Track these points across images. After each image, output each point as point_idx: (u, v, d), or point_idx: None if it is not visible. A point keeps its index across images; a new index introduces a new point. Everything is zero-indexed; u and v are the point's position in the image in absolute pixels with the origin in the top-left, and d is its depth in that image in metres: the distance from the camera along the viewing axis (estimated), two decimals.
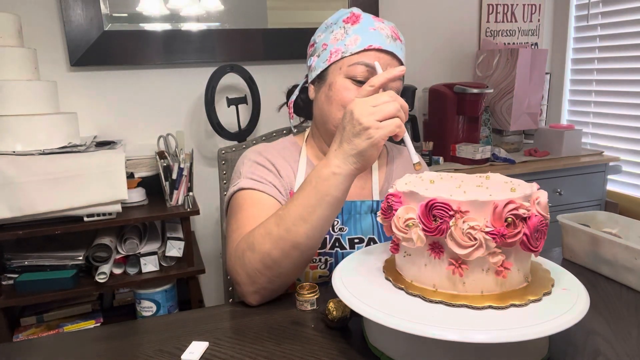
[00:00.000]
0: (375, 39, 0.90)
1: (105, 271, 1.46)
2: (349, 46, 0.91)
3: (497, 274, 0.59)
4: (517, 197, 0.58)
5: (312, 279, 0.93)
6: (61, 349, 0.71)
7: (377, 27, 0.92)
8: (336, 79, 0.92)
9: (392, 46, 0.91)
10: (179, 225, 1.63)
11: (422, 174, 0.72)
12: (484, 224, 0.56)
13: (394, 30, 0.94)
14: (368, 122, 0.70)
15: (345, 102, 0.90)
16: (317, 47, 0.98)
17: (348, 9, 0.96)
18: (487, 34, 2.34)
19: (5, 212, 1.33)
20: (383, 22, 0.94)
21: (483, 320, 0.55)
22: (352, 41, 0.91)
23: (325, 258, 0.93)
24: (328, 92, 0.93)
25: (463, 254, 0.57)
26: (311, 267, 0.92)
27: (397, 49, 0.92)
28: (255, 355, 0.66)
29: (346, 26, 0.93)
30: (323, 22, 0.99)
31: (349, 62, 0.90)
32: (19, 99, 1.42)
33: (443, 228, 0.57)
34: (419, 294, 0.60)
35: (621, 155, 2.19)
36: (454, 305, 0.57)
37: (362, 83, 0.90)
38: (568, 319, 0.54)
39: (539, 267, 0.68)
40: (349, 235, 0.95)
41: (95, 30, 1.72)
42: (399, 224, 0.61)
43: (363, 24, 0.92)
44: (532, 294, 0.59)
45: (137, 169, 1.60)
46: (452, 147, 2.06)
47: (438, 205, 0.57)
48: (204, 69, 1.88)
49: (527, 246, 0.58)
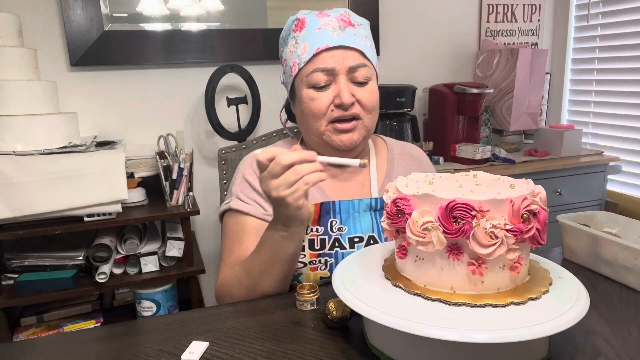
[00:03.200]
0: (321, 39, 0.89)
1: (106, 271, 1.46)
2: (302, 56, 0.91)
3: (511, 270, 0.59)
4: (526, 193, 0.58)
5: (313, 281, 0.93)
6: (61, 349, 0.71)
7: (322, 25, 0.90)
8: (302, 92, 0.93)
9: (342, 38, 0.90)
10: (179, 225, 1.63)
11: (412, 175, 0.71)
12: (503, 221, 0.57)
13: (342, 18, 0.92)
14: (279, 195, 0.74)
15: (315, 112, 0.91)
16: (282, 63, 0.99)
17: (295, 16, 0.95)
18: (487, 34, 2.35)
19: (5, 212, 1.33)
20: (329, 14, 0.92)
21: (483, 319, 0.55)
22: (303, 49, 0.91)
23: (325, 259, 0.92)
24: (300, 106, 0.95)
25: (485, 253, 0.56)
26: (311, 269, 0.92)
27: (349, 36, 0.90)
28: (255, 355, 0.66)
29: (296, 35, 0.93)
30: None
31: (306, 72, 0.91)
32: (19, 99, 1.42)
33: (466, 229, 0.56)
34: (439, 298, 0.59)
35: (621, 155, 2.19)
36: (477, 306, 0.57)
37: (326, 87, 0.90)
38: (568, 319, 0.54)
39: (535, 264, 0.70)
40: (348, 235, 0.94)
41: (95, 30, 1.72)
42: (416, 229, 0.59)
43: (308, 27, 0.91)
44: (540, 286, 0.61)
45: (137, 169, 1.60)
46: (452, 147, 2.06)
47: (459, 206, 0.56)
48: (204, 69, 1.88)
49: (537, 240, 0.59)
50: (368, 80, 0.92)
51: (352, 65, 0.90)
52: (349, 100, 0.89)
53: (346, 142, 0.92)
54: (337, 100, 0.90)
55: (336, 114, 0.91)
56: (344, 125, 0.91)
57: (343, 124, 0.91)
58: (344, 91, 0.89)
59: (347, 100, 0.89)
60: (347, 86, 0.90)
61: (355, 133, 0.93)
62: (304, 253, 0.91)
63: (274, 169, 0.73)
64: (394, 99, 1.96)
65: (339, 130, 0.92)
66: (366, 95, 0.92)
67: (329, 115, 0.91)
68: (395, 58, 2.20)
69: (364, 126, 0.94)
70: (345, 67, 0.89)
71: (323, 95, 0.90)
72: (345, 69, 0.90)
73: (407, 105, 2.00)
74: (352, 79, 0.91)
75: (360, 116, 0.92)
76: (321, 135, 0.94)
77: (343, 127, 0.91)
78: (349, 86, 0.90)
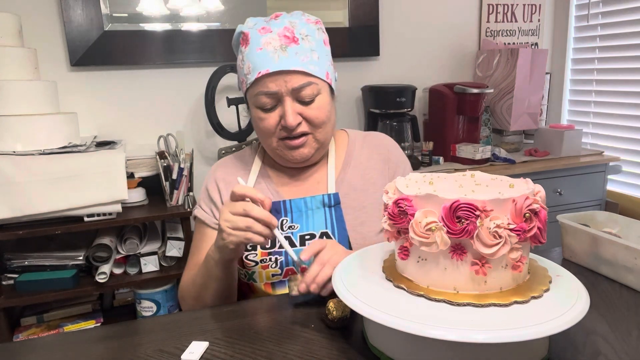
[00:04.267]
0: (262, 62, 0.87)
1: (106, 271, 1.46)
2: (247, 75, 0.90)
3: (514, 269, 0.60)
4: (527, 192, 0.58)
5: (265, 279, 0.93)
6: (61, 349, 0.71)
7: (263, 45, 0.87)
8: (252, 109, 0.94)
9: (282, 60, 0.86)
10: (179, 225, 1.63)
11: (410, 175, 0.71)
12: (507, 221, 0.57)
13: (285, 34, 0.88)
14: (223, 226, 0.78)
15: (264, 131, 0.92)
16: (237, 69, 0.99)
17: (240, 28, 0.92)
18: (487, 34, 2.34)
19: (5, 212, 1.33)
20: (272, 30, 0.88)
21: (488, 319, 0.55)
22: (247, 69, 0.89)
23: (275, 257, 0.92)
24: (253, 121, 0.96)
25: (489, 253, 0.56)
26: (263, 267, 0.92)
27: (291, 57, 0.86)
28: (255, 355, 0.66)
29: (242, 50, 0.91)
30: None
31: (252, 94, 0.90)
32: (19, 99, 1.42)
33: (470, 229, 0.56)
34: (443, 298, 0.59)
35: (621, 155, 2.19)
36: (482, 306, 0.57)
37: (273, 109, 0.90)
38: (568, 319, 0.54)
39: (533, 262, 0.70)
40: (300, 232, 0.94)
41: (95, 30, 1.72)
42: (419, 229, 0.59)
43: (251, 45, 0.88)
44: (541, 284, 0.61)
45: (137, 169, 1.60)
46: (452, 147, 2.06)
47: (463, 206, 0.56)
48: (204, 69, 1.88)
49: (538, 239, 0.59)
50: (314, 97, 0.90)
51: (295, 87, 0.88)
52: (293, 123, 0.88)
53: (297, 157, 0.93)
54: (283, 122, 0.90)
55: (284, 133, 0.91)
56: (293, 142, 0.92)
57: (292, 141, 0.92)
58: (288, 114, 0.88)
59: (292, 124, 0.88)
60: (292, 107, 0.88)
61: (305, 148, 0.93)
62: (255, 252, 0.92)
63: (236, 207, 0.77)
64: (394, 99, 1.96)
65: (289, 147, 0.92)
66: (314, 113, 0.90)
67: (278, 134, 0.92)
68: (395, 58, 2.20)
69: (314, 140, 0.93)
70: (288, 90, 0.88)
71: (270, 116, 0.90)
72: (289, 91, 0.88)
73: (407, 105, 2.00)
74: (297, 99, 0.89)
75: (310, 132, 0.92)
76: (274, 150, 0.95)
77: (293, 143, 0.92)
78: (294, 107, 0.89)
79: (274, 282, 0.93)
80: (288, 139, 0.92)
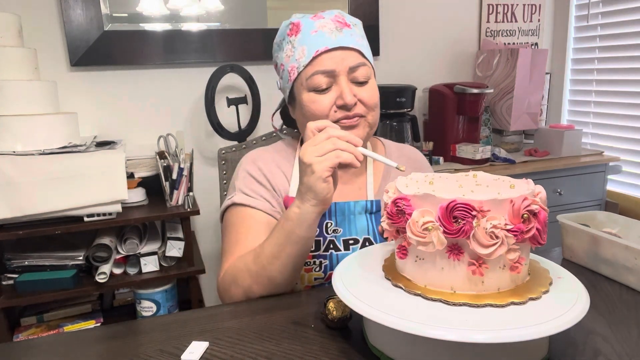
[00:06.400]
0: (319, 41, 0.89)
1: (106, 271, 1.46)
2: (300, 60, 0.91)
3: (512, 270, 0.59)
4: (526, 193, 0.58)
5: (307, 282, 0.93)
6: (61, 349, 0.71)
7: (319, 28, 0.90)
8: (302, 96, 0.92)
9: (340, 38, 0.90)
10: (179, 225, 1.63)
11: (412, 175, 0.71)
12: (504, 222, 0.57)
13: (338, 19, 0.92)
14: (309, 160, 0.75)
15: (317, 114, 0.90)
16: (278, 68, 0.98)
17: (289, 20, 0.95)
18: (487, 34, 2.35)
19: (5, 212, 1.33)
20: (324, 16, 0.92)
21: (484, 319, 0.55)
22: (301, 53, 0.91)
23: (319, 260, 0.92)
24: (301, 110, 0.94)
25: (486, 253, 0.56)
26: (306, 270, 0.92)
27: (347, 37, 0.91)
28: (255, 355, 0.66)
29: (291, 39, 0.93)
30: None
31: (306, 76, 0.90)
32: (19, 99, 1.42)
33: (466, 229, 0.56)
34: (440, 298, 0.59)
35: (621, 155, 2.19)
36: (478, 306, 0.57)
37: (327, 90, 0.90)
38: (568, 319, 0.54)
39: (534, 264, 0.70)
40: (343, 237, 0.94)
41: (95, 30, 1.72)
42: (416, 229, 0.59)
43: (304, 31, 0.91)
44: (540, 286, 0.61)
45: (137, 169, 1.60)
46: (452, 147, 2.06)
47: (459, 206, 0.56)
48: (204, 69, 1.88)
49: (537, 240, 0.59)
50: (368, 79, 0.92)
51: (352, 65, 0.90)
52: (352, 101, 0.89)
53: None
54: (339, 102, 0.90)
55: (339, 115, 0.91)
56: (349, 122, 0.91)
57: (349, 120, 0.91)
58: (346, 92, 0.89)
59: (350, 101, 0.89)
60: (349, 87, 0.90)
61: (359, 129, 0.92)
62: None
63: (318, 137, 0.76)
64: (394, 99, 1.96)
65: (344, 128, 0.92)
66: (368, 93, 0.92)
67: (332, 116, 0.91)
68: (395, 58, 2.20)
69: (367, 123, 0.94)
70: (345, 68, 0.89)
71: (324, 97, 0.90)
72: (346, 70, 0.90)
73: (407, 105, 2.00)
74: (352, 79, 0.91)
75: (363, 114, 0.92)
76: None
77: (348, 122, 0.91)
78: (350, 86, 0.90)
79: (315, 285, 0.93)
80: (344, 119, 0.91)
